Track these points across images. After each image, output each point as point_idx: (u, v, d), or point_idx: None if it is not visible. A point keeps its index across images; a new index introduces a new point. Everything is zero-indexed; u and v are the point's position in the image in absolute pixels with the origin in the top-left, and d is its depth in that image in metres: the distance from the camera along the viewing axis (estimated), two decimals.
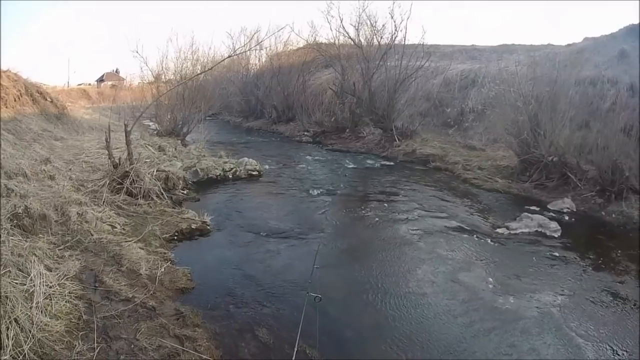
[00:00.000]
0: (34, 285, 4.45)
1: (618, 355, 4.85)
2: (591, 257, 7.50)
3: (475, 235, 8.36)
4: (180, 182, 10.79)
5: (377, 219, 9.45)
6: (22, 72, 16.21)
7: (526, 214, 9.21)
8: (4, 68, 14.97)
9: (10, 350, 3.61)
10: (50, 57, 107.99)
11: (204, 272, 6.42)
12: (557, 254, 7.54)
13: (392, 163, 16.29)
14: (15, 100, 14.26)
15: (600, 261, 7.34)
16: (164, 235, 7.53)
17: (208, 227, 8.31)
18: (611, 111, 11.58)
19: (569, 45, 21.05)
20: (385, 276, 6.64)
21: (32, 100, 15.68)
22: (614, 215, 9.65)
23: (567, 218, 9.65)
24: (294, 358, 3.53)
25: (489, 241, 8.10)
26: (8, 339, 3.67)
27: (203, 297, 5.69)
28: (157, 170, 10.29)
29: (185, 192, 10.60)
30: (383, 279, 6.53)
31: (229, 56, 23.74)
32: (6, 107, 13.33)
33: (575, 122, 11.88)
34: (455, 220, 9.18)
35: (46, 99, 16.90)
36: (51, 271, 5.03)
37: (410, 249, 7.69)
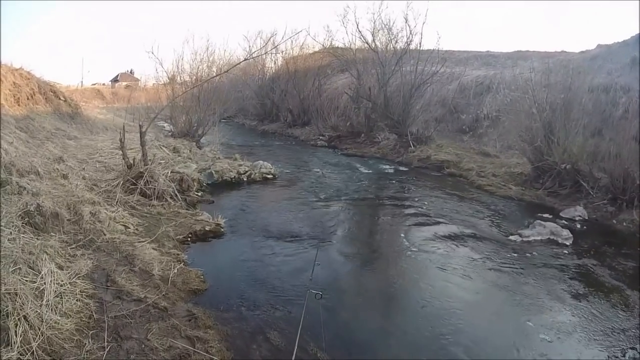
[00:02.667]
0: (44, 283, 4.42)
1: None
2: (602, 265, 7.42)
3: (487, 242, 8.27)
4: (195, 184, 10.76)
5: (389, 223, 9.47)
6: (35, 70, 16.43)
7: (539, 221, 9.10)
8: (16, 66, 15.15)
9: (18, 347, 3.58)
10: (50, 57, 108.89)
11: (217, 274, 6.37)
12: (568, 262, 7.48)
13: (406, 168, 16.26)
14: (28, 99, 14.42)
15: (610, 270, 7.23)
16: (178, 237, 7.49)
17: (222, 230, 8.26)
18: (623, 119, 11.59)
19: (582, 52, 21.08)
20: (395, 279, 6.67)
21: (45, 98, 15.85)
22: (624, 224, 9.57)
23: (579, 226, 9.56)
24: (294, 357, 3.50)
25: (501, 248, 8.00)
26: (16, 336, 3.64)
27: (215, 298, 5.64)
28: (171, 172, 10.33)
29: (199, 194, 10.57)
30: (392, 282, 6.58)
31: (245, 59, 23.71)
32: (19, 105, 13.48)
33: (588, 129, 11.85)
34: (468, 227, 9.09)
35: (59, 98, 17.10)
36: (62, 269, 5.01)
37: (421, 254, 7.61)
